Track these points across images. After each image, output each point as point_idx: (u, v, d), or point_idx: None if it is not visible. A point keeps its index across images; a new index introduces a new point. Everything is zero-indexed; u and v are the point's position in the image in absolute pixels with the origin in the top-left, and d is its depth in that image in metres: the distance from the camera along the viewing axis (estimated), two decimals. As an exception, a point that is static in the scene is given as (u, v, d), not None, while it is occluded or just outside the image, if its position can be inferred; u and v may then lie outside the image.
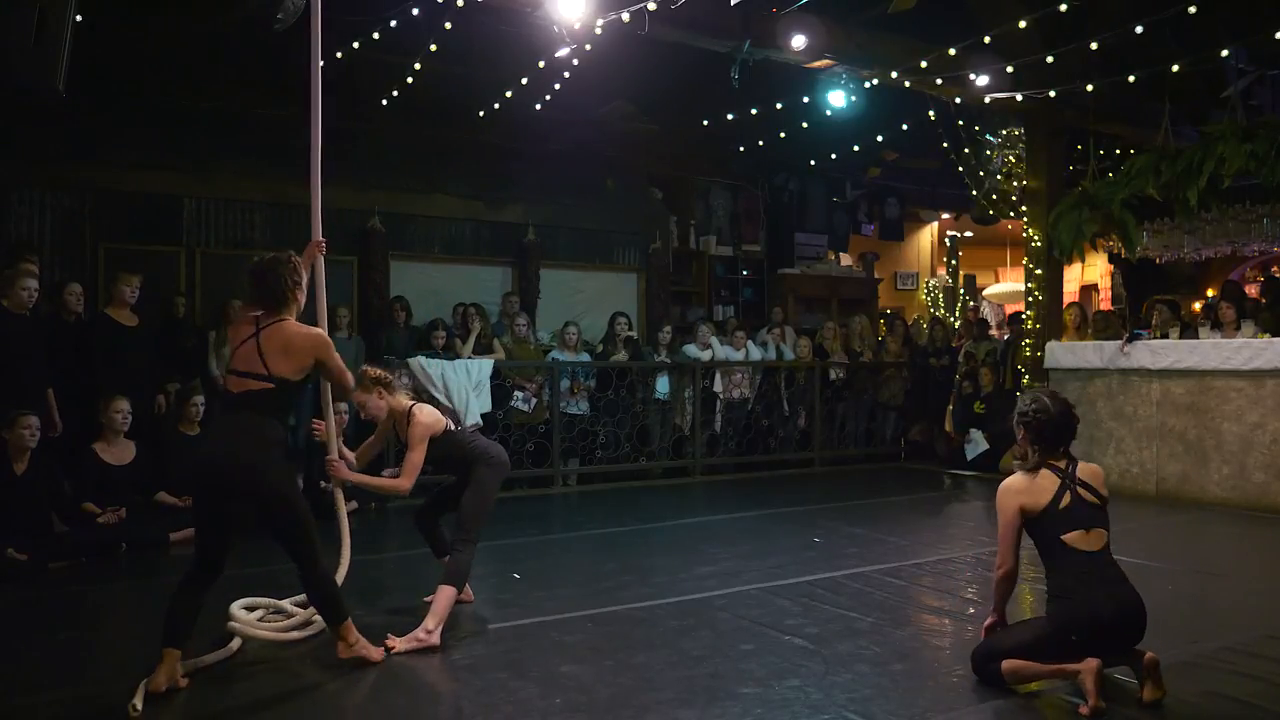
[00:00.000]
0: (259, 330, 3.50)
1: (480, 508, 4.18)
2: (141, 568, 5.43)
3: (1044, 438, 3.48)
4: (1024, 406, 3.54)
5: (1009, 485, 3.49)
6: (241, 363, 3.48)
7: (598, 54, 7.37)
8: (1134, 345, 8.02)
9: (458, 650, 3.82)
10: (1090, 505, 3.40)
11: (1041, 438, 3.48)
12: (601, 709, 3.20)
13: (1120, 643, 3.27)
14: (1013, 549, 3.43)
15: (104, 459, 5.99)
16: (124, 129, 7.99)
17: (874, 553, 5.68)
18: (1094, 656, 3.18)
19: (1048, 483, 3.42)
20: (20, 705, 3.26)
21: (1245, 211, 8.12)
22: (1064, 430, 3.51)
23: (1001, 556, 3.46)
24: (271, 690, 3.47)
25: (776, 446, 9.90)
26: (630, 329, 9.41)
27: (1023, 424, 3.52)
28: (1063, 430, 3.51)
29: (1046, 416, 3.49)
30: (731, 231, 12.15)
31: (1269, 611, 4.49)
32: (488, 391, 8.01)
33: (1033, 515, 3.39)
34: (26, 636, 4.11)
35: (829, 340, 10.29)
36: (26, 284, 5.83)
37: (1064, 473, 3.44)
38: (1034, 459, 3.51)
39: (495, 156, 9.71)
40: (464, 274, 9.52)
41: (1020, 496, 3.42)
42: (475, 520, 4.14)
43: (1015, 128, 10.45)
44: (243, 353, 3.49)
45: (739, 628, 4.12)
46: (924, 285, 15.52)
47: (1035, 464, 3.50)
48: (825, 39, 7.39)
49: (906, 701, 3.26)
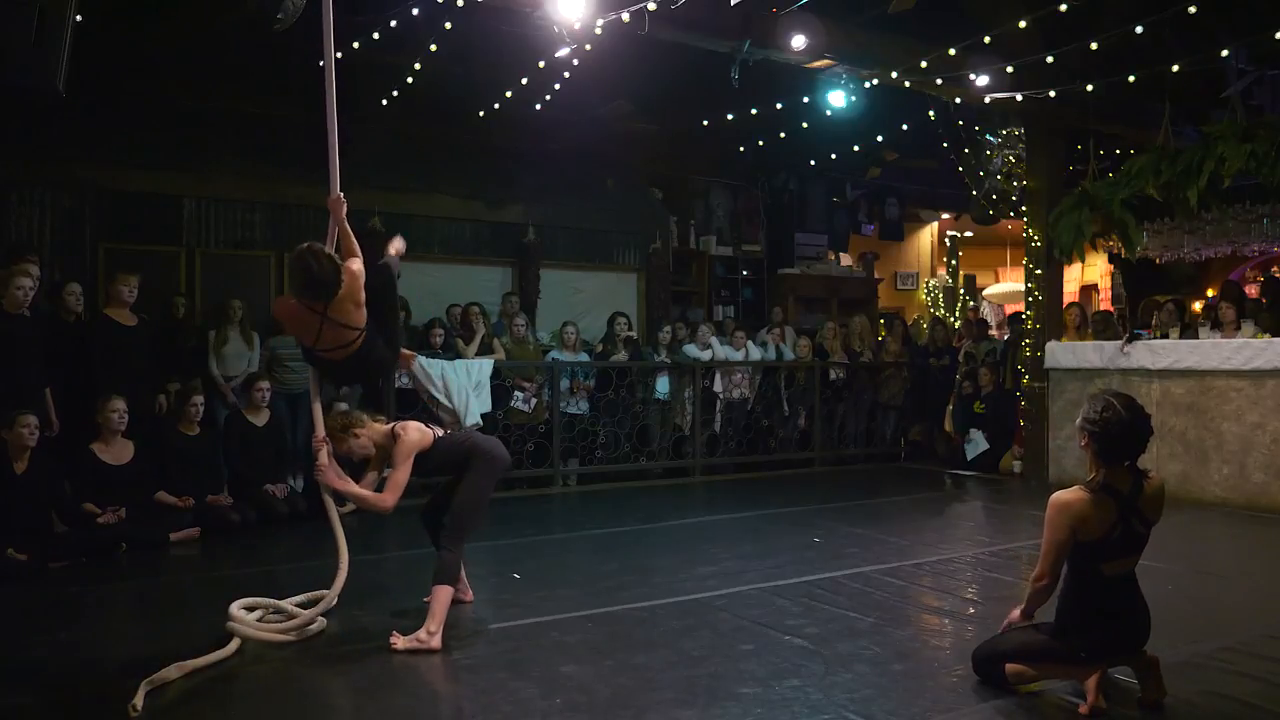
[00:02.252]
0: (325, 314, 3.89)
1: (473, 507, 4.15)
2: (141, 568, 5.43)
3: (1112, 449, 3.15)
4: (1092, 412, 3.17)
5: (1067, 506, 3.16)
6: (330, 340, 3.95)
7: (598, 54, 7.36)
8: (1134, 345, 8.02)
9: (458, 650, 3.82)
10: (1138, 535, 3.20)
11: (1109, 449, 3.15)
12: (601, 709, 3.20)
13: (1126, 654, 3.26)
14: (1055, 567, 3.22)
15: (102, 459, 5.99)
16: (124, 129, 7.99)
17: (874, 553, 5.68)
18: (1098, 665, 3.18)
19: (1106, 514, 3.13)
20: (20, 705, 3.26)
21: (1245, 211, 8.13)
22: (1135, 440, 3.16)
23: (1042, 569, 3.26)
24: (271, 690, 3.47)
25: (776, 446, 9.89)
26: (630, 329, 9.42)
27: (1089, 431, 3.17)
28: (1134, 440, 3.16)
29: (1117, 423, 3.12)
30: (731, 231, 12.16)
31: (1269, 611, 4.49)
32: (488, 391, 8.01)
33: (1083, 541, 3.15)
34: (26, 636, 4.11)
35: (829, 340, 10.29)
36: (22, 283, 5.82)
37: (1126, 501, 3.15)
38: (1098, 476, 3.18)
39: (495, 156, 9.71)
40: (464, 274, 9.52)
41: (1076, 522, 3.13)
42: (466, 520, 4.12)
43: (1015, 128, 10.44)
44: (326, 334, 3.93)
45: (739, 628, 4.12)
46: (924, 285, 15.52)
47: (1098, 483, 3.17)
48: (825, 39, 7.38)
49: (906, 701, 3.26)
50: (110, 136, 7.91)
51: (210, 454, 6.74)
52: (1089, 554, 3.18)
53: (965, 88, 8.05)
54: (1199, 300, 10.84)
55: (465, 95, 8.86)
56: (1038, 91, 7.91)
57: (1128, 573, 3.25)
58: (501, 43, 7.62)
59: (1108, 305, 13.25)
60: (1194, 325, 8.53)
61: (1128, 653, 3.25)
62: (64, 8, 3.73)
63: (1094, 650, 3.20)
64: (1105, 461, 3.19)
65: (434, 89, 8.35)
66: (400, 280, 9.55)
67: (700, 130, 10.22)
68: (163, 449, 6.45)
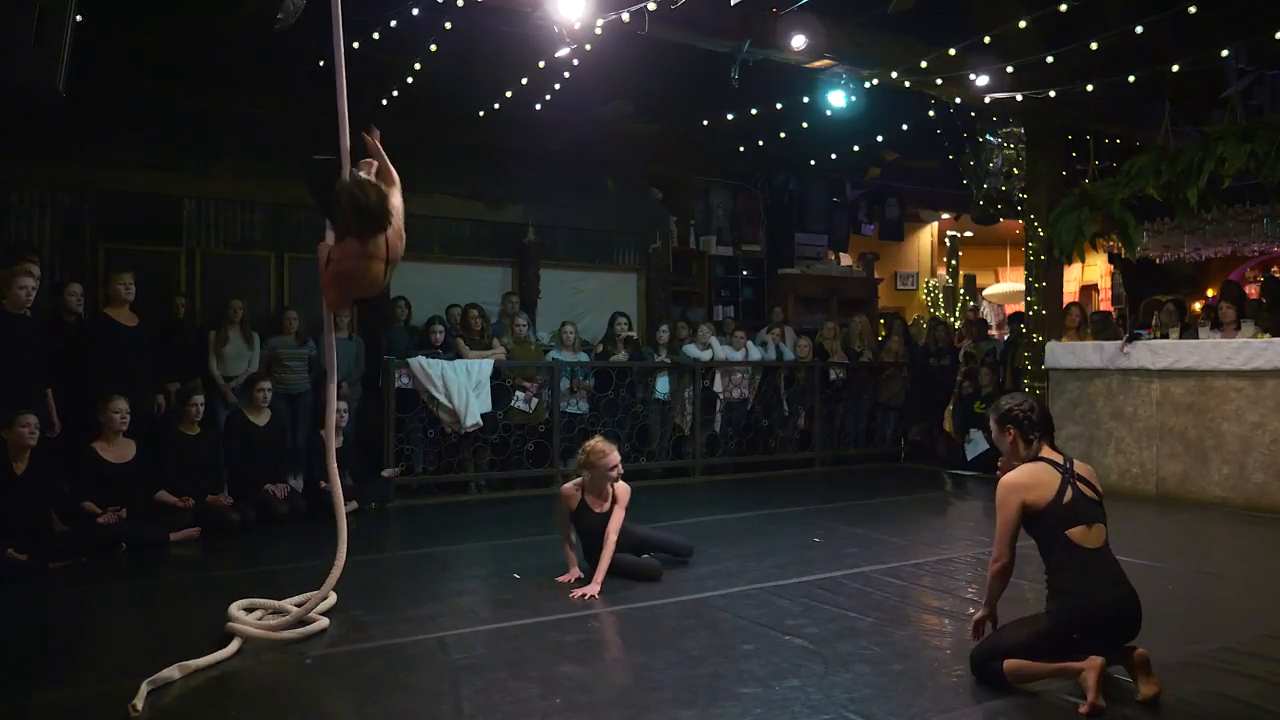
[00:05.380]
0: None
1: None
2: (141, 568, 5.43)
3: (1033, 426, 3.50)
4: (1008, 407, 3.56)
5: (1011, 480, 3.43)
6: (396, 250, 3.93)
7: (598, 54, 7.36)
8: (1134, 345, 8.02)
9: (458, 650, 3.82)
10: (1091, 501, 3.39)
11: (1032, 427, 3.50)
12: (601, 709, 3.20)
13: (1118, 639, 3.28)
14: (1010, 544, 3.41)
15: (104, 457, 6.00)
16: (124, 129, 8.00)
17: (874, 553, 5.68)
18: (1094, 654, 3.18)
19: (1049, 478, 3.39)
20: (20, 705, 3.26)
21: (1245, 211, 8.13)
22: (1048, 420, 3.57)
23: (998, 550, 3.44)
24: (271, 691, 3.47)
25: (776, 446, 9.90)
26: (630, 329, 9.42)
27: (1012, 421, 3.52)
28: (1047, 420, 3.56)
29: (1031, 407, 3.55)
30: (731, 231, 12.16)
31: (1269, 611, 4.49)
32: (488, 391, 8.01)
33: (1035, 511, 3.35)
34: (26, 636, 4.11)
35: (829, 340, 10.29)
36: (24, 283, 5.83)
37: (1064, 468, 3.42)
38: (1036, 448, 3.50)
39: (495, 156, 9.71)
40: (464, 274, 9.52)
41: (1023, 493, 3.38)
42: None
43: (1015, 127, 10.45)
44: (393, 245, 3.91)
45: (739, 628, 4.12)
46: (924, 285, 15.53)
47: (1036, 455, 3.48)
48: (825, 39, 7.38)
49: (906, 701, 3.26)
50: (110, 136, 7.91)
51: (210, 454, 6.74)
52: (1051, 522, 3.35)
53: (965, 88, 8.05)
54: (1199, 300, 10.85)
55: (465, 95, 8.86)
56: (1038, 91, 7.91)
57: (1100, 545, 3.35)
58: (501, 43, 7.62)
59: (1108, 305, 13.25)
60: (1194, 325, 8.53)
61: (1119, 634, 3.28)
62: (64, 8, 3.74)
63: (1084, 624, 3.23)
64: (1029, 441, 3.51)
65: (434, 89, 8.35)
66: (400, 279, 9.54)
67: (700, 130, 10.22)
68: (163, 449, 6.45)
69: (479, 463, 8.29)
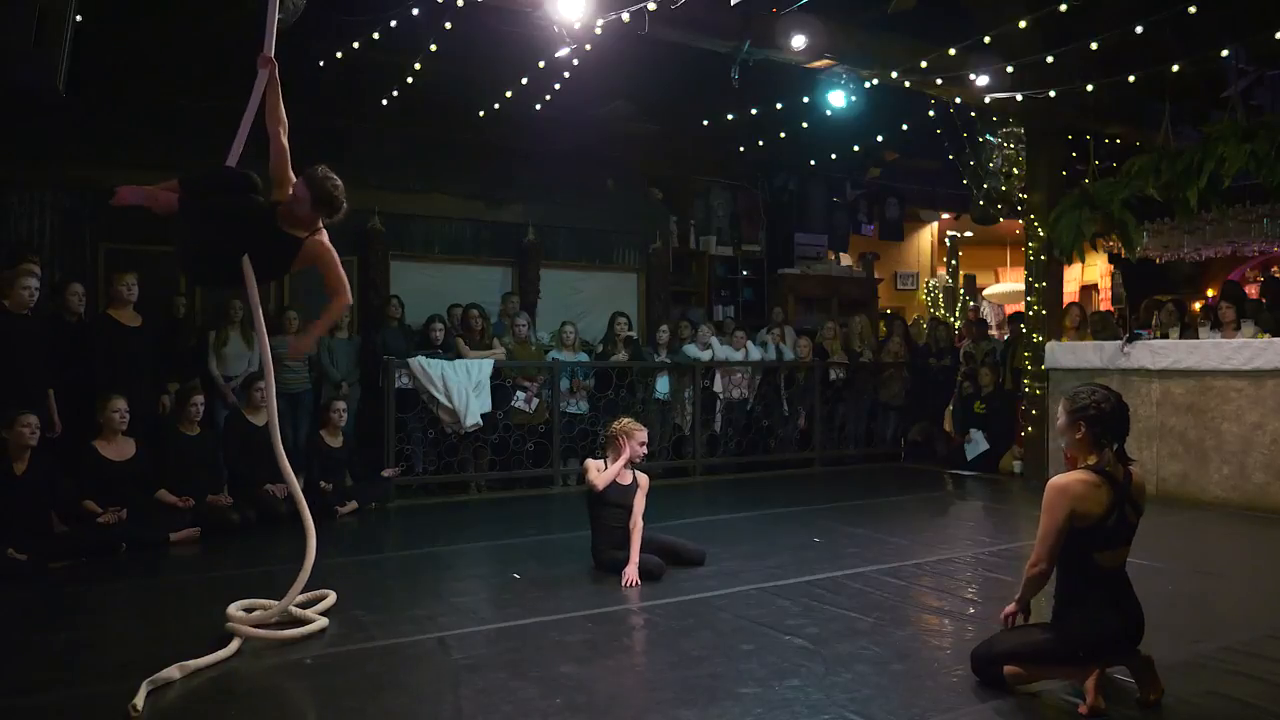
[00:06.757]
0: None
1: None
2: (141, 568, 5.43)
3: (1107, 430, 3.22)
4: (1082, 399, 3.26)
5: (1066, 486, 3.19)
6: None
7: (598, 54, 7.37)
8: (1134, 345, 8.02)
9: (458, 650, 3.82)
10: (1130, 525, 3.24)
11: (1105, 431, 3.22)
12: (601, 709, 3.20)
13: (1123, 653, 3.26)
14: (1052, 551, 3.21)
15: (105, 455, 6.00)
16: (123, 129, 7.98)
17: (874, 553, 5.68)
18: (1096, 665, 3.18)
19: (1104, 495, 3.17)
20: (20, 705, 3.26)
21: (1245, 211, 8.13)
22: (1126, 420, 3.28)
23: (1038, 555, 3.25)
24: (271, 691, 3.47)
25: (776, 446, 9.90)
26: (630, 329, 9.42)
27: (1083, 418, 3.24)
28: (1125, 420, 3.27)
29: (1110, 406, 3.23)
30: (731, 231, 12.15)
31: (1269, 611, 4.49)
32: (488, 391, 8.01)
33: (1079, 527, 3.17)
34: (26, 636, 4.11)
35: (829, 340, 10.29)
36: (27, 284, 5.83)
37: (1120, 487, 3.20)
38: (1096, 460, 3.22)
39: (495, 156, 9.70)
40: (464, 274, 9.53)
41: (1075, 503, 3.16)
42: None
43: (1015, 127, 10.44)
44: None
45: (739, 628, 4.12)
46: (924, 285, 15.52)
47: (1097, 467, 3.21)
48: (825, 39, 7.38)
49: (906, 701, 3.26)
50: (110, 136, 7.91)
51: (210, 454, 6.73)
52: (1084, 541, 3.19)
53: (965, 88, 8.05)
54: (1199, 300, 10.85)
55: (465, 95, 8.86)
56: (1038, 91, 7.91)
57: (1120, 566, 3.27)
58: (501, 43, 7.62)
59: (1108, 305, 13.25)
60: (1194, 325, 8.53)
61: (1123, 650, 3.25)
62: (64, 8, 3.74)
63: (1090, 647, 3.20)
64: (1100, 445, 3.24)
65: (434, 89, 8.35)
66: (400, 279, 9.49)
67: (700, 130, 10.22)
68: (163, 449, 6.45)
69: (479, 463, 8.29)
